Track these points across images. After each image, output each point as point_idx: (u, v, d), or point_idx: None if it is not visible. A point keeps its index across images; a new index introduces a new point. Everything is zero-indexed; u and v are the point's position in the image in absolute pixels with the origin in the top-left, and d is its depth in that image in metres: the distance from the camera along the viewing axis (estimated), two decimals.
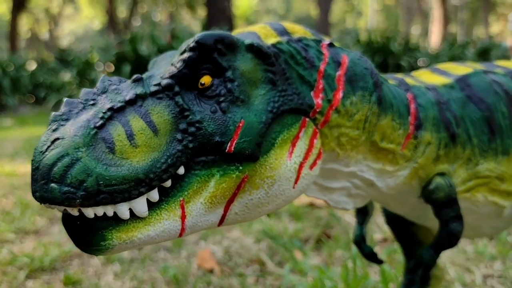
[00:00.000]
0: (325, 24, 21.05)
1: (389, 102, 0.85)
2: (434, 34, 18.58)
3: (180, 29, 11.88)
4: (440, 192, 0.90)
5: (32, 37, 32.43)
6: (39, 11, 30.89)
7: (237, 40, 0.72)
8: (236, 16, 31.02)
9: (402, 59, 9.68)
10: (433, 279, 1.30)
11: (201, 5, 20.58)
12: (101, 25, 30.38)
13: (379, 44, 9.92)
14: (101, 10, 28.13)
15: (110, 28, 22.68)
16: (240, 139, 0.68)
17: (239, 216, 0.72)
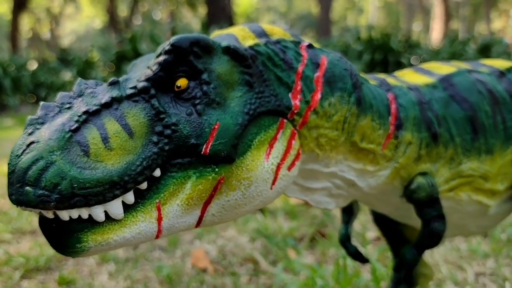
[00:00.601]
0: (326, 21, 21.02)
1: (369, 103, 0.85)
2: (436, 31, 18.55)
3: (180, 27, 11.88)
4: (421, 192, 0.90)
5: (33, 37, 32.46)
6: (40, 11, 30.92)
7: (213, 42, 0.72)
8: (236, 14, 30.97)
9: (402, 56, 9.66)
10: (421, 277, 1.30)
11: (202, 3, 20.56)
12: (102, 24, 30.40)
13: (380, 41, 9.89)
14: (101, 9, 28.14)
15: (111, 27, 22.70)
16: (215, 141, 0.68)
17: (216, 217, 0.72)
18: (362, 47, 9.84)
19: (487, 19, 27.61)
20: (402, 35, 10.84)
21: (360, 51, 9.82)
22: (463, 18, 28.10)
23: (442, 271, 1.71)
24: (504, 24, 32.36)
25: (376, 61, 9.54)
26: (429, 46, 10.88)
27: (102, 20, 30.29)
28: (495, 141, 0.99)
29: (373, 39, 9.87)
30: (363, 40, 9.99)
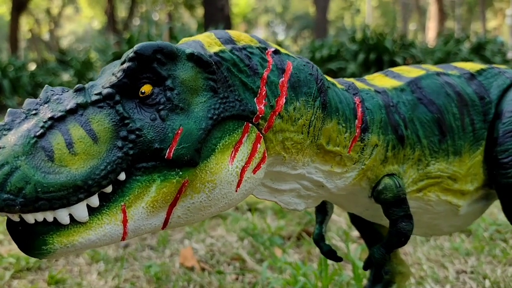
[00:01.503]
0: (322, 22, 21.04)
1: (334, 107, 0.88)
2: (431, 30, 18.59)
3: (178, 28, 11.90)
4: (388, 193, 0.93)
5: (32, 38, 32.46)
6: (39, 12, 30.93)
7: (177, 49, 0.75)
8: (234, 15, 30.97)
9: (397, 55, 9.69)
10: (399, 275, 1.33)
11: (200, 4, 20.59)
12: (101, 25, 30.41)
13: (374, 41, 9.92)
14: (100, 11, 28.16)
15: (110, 28, 22.70)
16: (178, 146, 0.71)
17: (182, 219, 0.75)
18: (357, 47, 9.87)
19: (483, 18, 27.65)
20: (397, 35, 10.87)
21: (355, 51, 9.85)
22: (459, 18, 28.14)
23: (424, 269, 1.74)
24: (499, 23, 32.39)
25: (370, 61, 9.57)
26: (424, 45, 10.89)
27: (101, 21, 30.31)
28: (463, 142, 1.02)
29: (368, 39, 9.91)
30: (358, 40, 10.03)
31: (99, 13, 29.11)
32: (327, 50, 10.17)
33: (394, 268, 1.33)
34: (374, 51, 9.90)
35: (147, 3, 27.52)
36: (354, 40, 10.31)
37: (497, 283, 1.59)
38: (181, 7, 26.03)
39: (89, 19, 34.96)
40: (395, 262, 1.33)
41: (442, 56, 10.10)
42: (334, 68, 9.55)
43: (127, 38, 9.97)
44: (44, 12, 31.15)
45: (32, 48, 30.42)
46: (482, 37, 11.52)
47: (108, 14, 23.43)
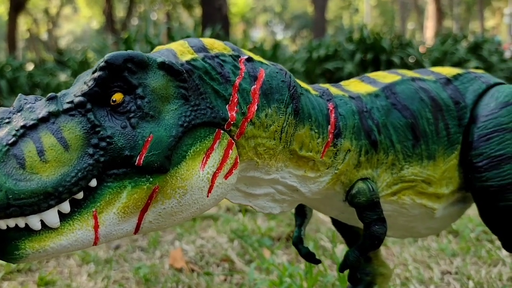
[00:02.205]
0: (321, 21, 21.06)
1: (307, 113, 0.89)
2: (429, 30, 18.62)
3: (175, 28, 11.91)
4: (361, 197, 0.94)
5: (31, 38, 32.47)
6: (37, 12, 30.93)
7: (148, 58, 0.76)
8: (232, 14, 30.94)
9: (394, 55, 9.71)
10: (380, 277, 1.35)
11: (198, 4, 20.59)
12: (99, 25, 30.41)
13: (371, 40, 9.94)
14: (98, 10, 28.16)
15: (108, 28, 22.70)
16: (148, 153, 0.72)
17: (153, 225, 0.77)
18: (354, 47, 9.88)
19: (481, 17, 27.69)
20: (394, 35, 10.88)
21: (352, 50, 9.87)
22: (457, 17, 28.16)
23: (410, 270, 1.76)
24: (498, 22, 32.43)
25: (367, 60, 9.58)
26: (421, 45, 10.91)
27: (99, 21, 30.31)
28: (437, 147, 1.03)
29: (365, 39, 9.92)
30: (355, 40, 10.04)
31: (98, 13, 29.11)
32: (324, 50, 10.18)
33: (375, 270, 1.34)
34: (371, 51, 9.92)
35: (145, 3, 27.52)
36: (351, 40, 10.33)
37: (480, 284, 1.61)
38: (179, 7, 26.04)
39: (87, 19, 34.96)
40: (376, 264, 1.34)
41: (439, 55, 10.12)
42: (331, 68, 9.56)
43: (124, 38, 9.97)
44: (42, 12, 31.16)
45: (30, 48, 30.43)
46: (479, 37, 11.53)
47: (106, 14, 23.43)
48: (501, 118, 1.07)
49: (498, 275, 1.68)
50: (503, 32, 28.01)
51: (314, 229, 2.32)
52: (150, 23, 15.14)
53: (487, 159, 1.05)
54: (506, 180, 1.04)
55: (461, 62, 10.25)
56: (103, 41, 11.00)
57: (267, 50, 10.01)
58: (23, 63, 12.43)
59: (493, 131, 1.06)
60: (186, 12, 24.93)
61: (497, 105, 1.08)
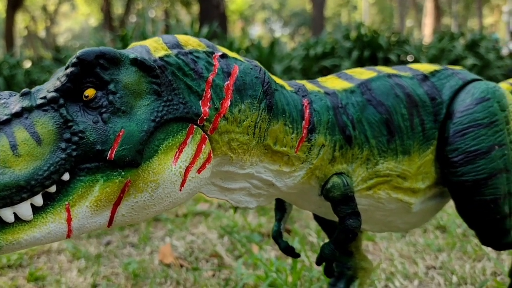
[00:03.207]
0: (319, 19, 21.04)
1: (281, 108, 0.91)
2: (427, 27, 18.63)
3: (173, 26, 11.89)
4: (336, 191, 0.96)
5: (29, 35, 32.42)
6: (35, 9, 30.89)
7: (120, 55, 0.78)
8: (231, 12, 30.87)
9: (391, 53, 9.72)
10: (361, 271, 1.37)
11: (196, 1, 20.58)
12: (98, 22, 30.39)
13: (368, 38, 9.94)
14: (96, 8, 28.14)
15: (106, 25, 22.69)
16: (120, 147, 0.74)
17: (127, 218, 0.78)
18: (351, 44, 9.90)
19: (479, 15, 27.69)
20: (392, 32, 10.89)
21: (349, 48, 9.88)
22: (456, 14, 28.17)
23: (395, 265, 1.78)
24: (496, 19, 32.44)
25: (364, 58, 9.59)
26: (418, 42, 10.91)
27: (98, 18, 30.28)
28: (412, 142, 1.05)
29: (362, 36, 9.92)
30: (352, 38, 10.05)
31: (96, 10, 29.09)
32: (322, 47, 10.19)
33: (356, 264, 1.36)
34: (369, 48, 9.93)
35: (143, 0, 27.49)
36: (348, 37, 10.33)
37: (463, 278, 1.63)
38: (177, 4, 26.01)
39: (85, 16, 34.93)
40: (358, 258, 1.36)
41: (436, 53, 10.13)
42: (328, 66, 9.57)
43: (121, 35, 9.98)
44: (40, 9, 31.12)
45: (28, 45, 30.40)
46: (476, 34, 11.54)
47: (104, 11, 23.42)
48: (476, 114, 1.08)
49: (482, 270, 1.69)
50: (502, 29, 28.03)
51: (303, 225, 2.34)
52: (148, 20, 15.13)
53: (462, 154, 1.07)
54: (481, 175, 1.06)
55: (458, 60, 10.26)
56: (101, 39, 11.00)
57: (264, 48, 10.03)
58: (21, 60, 12.42)
59: (468, 126, 1.07)
60: (184, 9, 24.91)
61: (473, 101, 1.10)
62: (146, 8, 26.46)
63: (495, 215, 1.09)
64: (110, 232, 2.40)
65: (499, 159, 1.08)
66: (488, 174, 1.06)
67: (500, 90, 1.15)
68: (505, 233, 1.13)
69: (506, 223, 1.12)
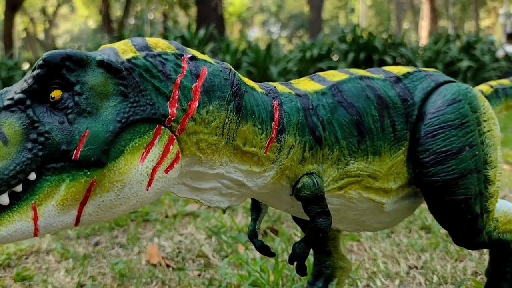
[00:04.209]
0: (317, 21, 21.11)
1: (250, 110, 0.93)
2: (424, 29, 18.69)
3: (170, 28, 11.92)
4: (306, 191, 0.98)
5: (27, 37, 32.45)
6: (34, 11, 30.92)
7: (86, 56, 0.80)
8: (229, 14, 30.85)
9: (386, 55, 9.76)
10: (339, 270, 1.39)
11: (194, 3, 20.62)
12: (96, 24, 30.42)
13: (364, 40, 9.99)
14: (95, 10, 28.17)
15: (105, 27, 22.73)
16: (85, 147, 0.76)
17: (93, 217, 0.80)
18: (347, 46, 9.93)
19: (476, 17, 27.76)
20: (389, 35, 10.93)
21: (345, 50, 9.92)
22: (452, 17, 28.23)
23: (378, 264, 1.79)
24: (493, 22, 32.52)
25: (360, 60, 9.63)
26: (413, 44, 10.95)
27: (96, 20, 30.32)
28: (383, 143, 1.07)
29: (358, 39, 9.96)
30: (348, 40, 10.08)
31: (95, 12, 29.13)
32: (318, 50, 10.22)
33: (335, 263, 1.38)
34: (364, 50, 9.97)
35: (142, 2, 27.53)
36: (344, 39, 10.37)
37: (444, 278, 1.65)
38: (176, 7, 26.06)
39: (84, 18, 34.96)
40: (336, 257, 1.38)
41: (431, 55, 10.17)
42: (325, 68, 9.60)
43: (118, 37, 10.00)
44: (39, 11, 31.14)
45: (27, 47, 30.43)
46: (472, 36, 11.59)
47: (103, 14, 23.46)
48: (447, 115, 1.10)
49: (463, 269, 1.72)
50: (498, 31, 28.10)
51: (290, 225, 2.36)
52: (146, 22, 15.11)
53: (433, 154, 1.09)
54: (451, 175, 1.08)
55: (454, 62, 10.31)
56: (98, 41, 11.02)
57: (261, 50, 10.06)
58: (19, 62, 12.44)
59: (439, 127, 1.09)
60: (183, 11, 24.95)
61: (444, 102, 1.12)
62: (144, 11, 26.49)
63: (466, 215, 1.11)
64: (99, 232, 2.42)
65: (470, 159, 1.10)
66: (458, 175, 1.09)
67: (472, 92, 1.17)
68: (477, 233, 1.16)
69: (478, 223, 1.14)
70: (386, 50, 10.11)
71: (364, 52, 9.90)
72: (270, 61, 9.93)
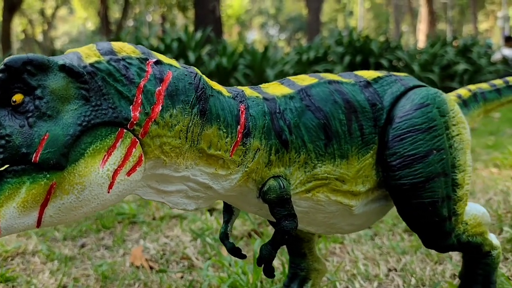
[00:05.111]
0: (315, 24, 21.14)
1: (215, 113, 0.94)
2: (422, 32, 18.74)
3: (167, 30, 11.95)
4: (272, 193, 0.99)
5: (26, 39, 32.48)
6: (32, 13, 30.96)
7: (48, 61, 0.81)
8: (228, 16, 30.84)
9: (382, 58, 9.79)
10: (314, 272, 1.41)
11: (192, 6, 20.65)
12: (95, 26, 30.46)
13: (360, 43, 10.02)
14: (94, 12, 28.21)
15: (103, 29, 22.76)
16: (44, 150, 0.77)
17: (55, 219, 0.81)
18: (343, 49, 9.97)
19: (474, 20, 27.82)
20: (386, 38, 10.98)
21: (342, 53, 9.95)
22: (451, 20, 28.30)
23: (359, 266, 1.81)
24: (491, 25, 32.61)
25: (356, 63, 9.66)
26: (410, 48, 10.98)
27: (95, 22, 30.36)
28: (350, 146, 1.08)
29: (354, 42, 10.00)
30: (345, 43, 10.12)
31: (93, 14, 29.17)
32: (314, 52, 10.25)
33: (309, 265, 1.40)
34: (360, 53, 10.01)
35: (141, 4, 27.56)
36: (341, 42, 10.41)
37: (422, 280, 1.66)
38: (174, 9, 26.10)
39: (83, 20, 35.00)
40: (311, 259, 1.40)
41: (428, 58, 10.20)
42: (321, 70, 9.63)
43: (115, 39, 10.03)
44: (37, 13, 31.18)
45: (25, 49, 30.45)
46: (469, 40, 11.62)
47: (101, 16, 23.50)
48: (415, 119, 1.12)
49: (442, 272, 1.73)
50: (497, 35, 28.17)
51: None
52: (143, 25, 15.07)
53: (400, 158, 1.10)
54: (418, 179, 1.10)
55: (450, 65, 10.34)
56: None
57: (257, 53, 10.09)
58: None
59: (407, 131, 1.11)
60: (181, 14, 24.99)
61: (412, 106, 1.13)
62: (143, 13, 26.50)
63: (433, 217, 1.13)
64: (86, 234, 2.43)
65: (437, 163, 1.12)
66: (425, 178, 1.10)
67: (441, 96, 1.19)
68: (445, 236, 1.17)
69: (446, 225, 1.16)
70: (382, 53, 10.14)
71: (361, 55, 9.93)
72: (266, 64, 9.95)
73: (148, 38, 10.69)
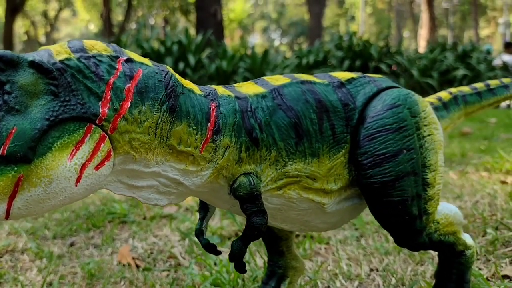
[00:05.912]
0: (317, 28, 21.20)
1: (185, 111, 0.96)
2: (423, 38, 18.78)
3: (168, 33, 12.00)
4: (242, 190, 1.01)
5: (28, 40, 32.61)
6: (35, 14, 31.09)
7: (18, 57, 0.84)
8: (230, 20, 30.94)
9: (382, 63, 9.83)
10: (291, 270, 1.43)
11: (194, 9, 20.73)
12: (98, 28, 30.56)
13: (360, 48, 10.06)
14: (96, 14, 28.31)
15: (106, 31, 22.85)
16: (11, 144, 0.80)
17: (23, 211, 0.84)
18: (343, 54, 10.02)
19: (476, 26, 27.86)
20: (385, 43, 11.01)
21: (341, 57, 10.00)
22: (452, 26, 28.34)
23: (341, 266, 1.83)
24: (493, 31, 32.65)
25: (356, 67, 9.70)
26: (410, 53, 11.01)
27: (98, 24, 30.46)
28: (321, 145, 1.11)
29: (354, 46, 10.05)
30: (344, 47, 10.17)
31: (96, 16, 29.27)
32: (314, 56, 10.31)
33: (287, 263, 1.42)
34: (360, 58, 10.06)
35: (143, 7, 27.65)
36: (340, 47, 10.46)
37: (402, 280, 1.68)
38: (177, 12, 26.19)
39: (85, 22, 35.12)
40: (289, 257, 1.42)
41: (427, 63, 10.24)
42: None
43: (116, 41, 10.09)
44: (40, 14, 31.31)
45: (28, 50, 30.55)
46: (468, 45, 11.65)
47: (104, 18, 23.58)
48: (386, 119, 1.14)
49: (423, 272, 1.75)
50: (498, 41, 28.20)
51: None
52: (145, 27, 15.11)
53: (371, 157, 1.13)
54: (388, 177, 1.12)
55: (449, 70, 10.37)
56: None
57: (257, 57, 10.14)
58: None
59: (377, 131, 1.13)
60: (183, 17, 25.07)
61: (383, 107, 1.16)
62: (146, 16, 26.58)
63: (403, 216, 1.15)
64: (76, 233, 2.46)
65: (407, 162, 1.14)
66: (395, 177, 1.12)
67: (413, 97, 1.21)
68: (416, 234, 1.19)
69: (417, 224, 1.18)
70: (382, 58, 10.18)
71: (360, 59, 9.97)
72: (266, 67, 10.00)
73: (149, 40, 10.74)
